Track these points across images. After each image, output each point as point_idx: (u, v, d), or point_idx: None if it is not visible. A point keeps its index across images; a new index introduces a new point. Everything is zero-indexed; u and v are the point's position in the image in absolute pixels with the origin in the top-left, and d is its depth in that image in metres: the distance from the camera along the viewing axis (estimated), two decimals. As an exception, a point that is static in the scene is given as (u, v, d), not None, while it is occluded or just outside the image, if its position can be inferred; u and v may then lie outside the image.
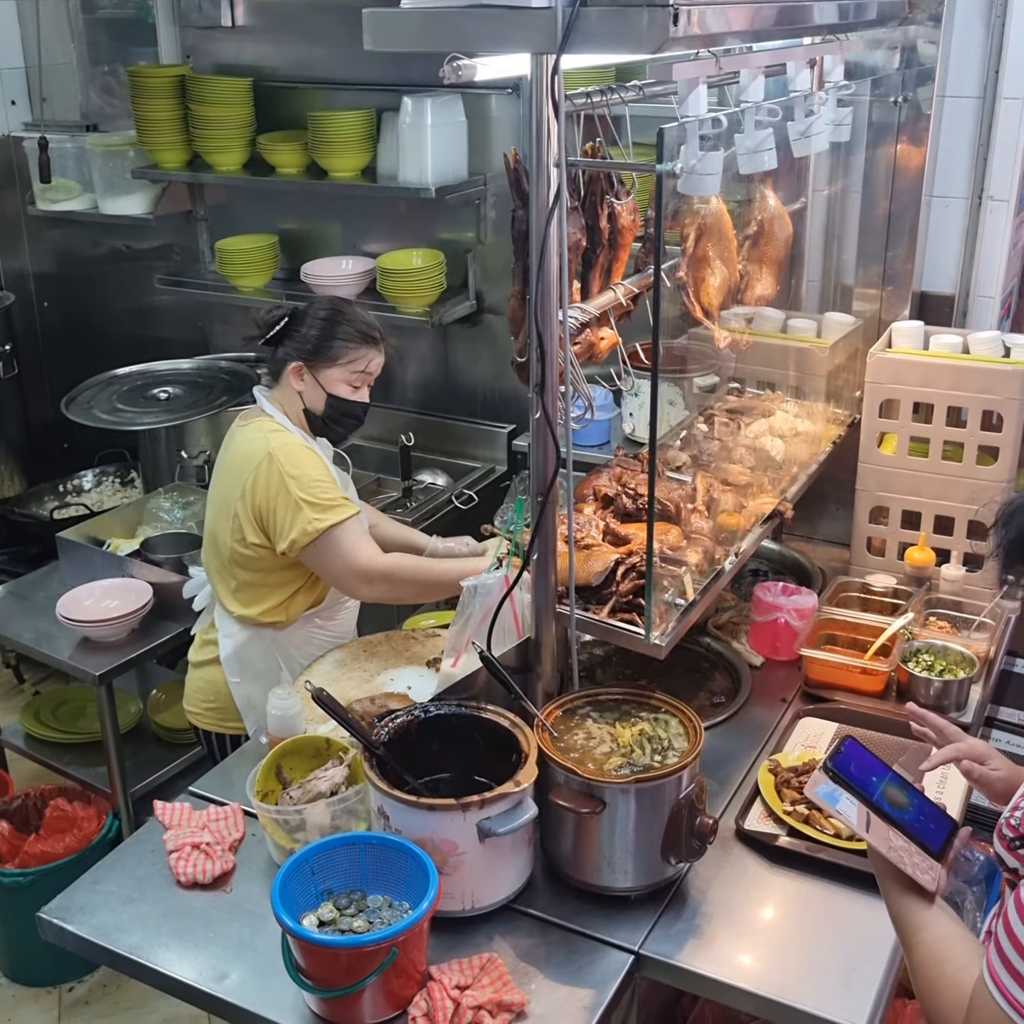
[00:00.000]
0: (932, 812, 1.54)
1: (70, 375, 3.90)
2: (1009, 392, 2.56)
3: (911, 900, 1.48)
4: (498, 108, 3.45)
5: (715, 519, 2.32)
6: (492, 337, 3.63)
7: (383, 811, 1.79)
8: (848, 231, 2.94)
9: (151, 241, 4.16)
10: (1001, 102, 2.73)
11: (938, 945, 1.43)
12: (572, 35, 1.50)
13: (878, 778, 1.53)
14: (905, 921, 1.48)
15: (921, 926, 1.46)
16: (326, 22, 3.53)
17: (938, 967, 1.42)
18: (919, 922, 1.46)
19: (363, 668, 2.41)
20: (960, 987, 1.37)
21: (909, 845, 1.49)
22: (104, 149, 3.93)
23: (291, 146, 3.61)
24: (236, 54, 3.80)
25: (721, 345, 2.30)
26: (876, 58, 2.75)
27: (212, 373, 3.88)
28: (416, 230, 3.67)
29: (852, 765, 1.53)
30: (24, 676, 4.07)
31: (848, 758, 1.54)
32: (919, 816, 1.52)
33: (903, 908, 1.48)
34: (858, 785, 1.50)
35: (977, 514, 2.56)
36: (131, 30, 4.03)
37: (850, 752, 1.55)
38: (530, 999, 1.69)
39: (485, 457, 3.67)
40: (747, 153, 2.12)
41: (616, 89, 1.91)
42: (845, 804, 1.49)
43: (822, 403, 2.83)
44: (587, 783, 1.80)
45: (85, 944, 1.83)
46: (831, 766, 1.52)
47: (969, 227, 2.85)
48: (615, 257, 2.05)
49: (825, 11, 2.06)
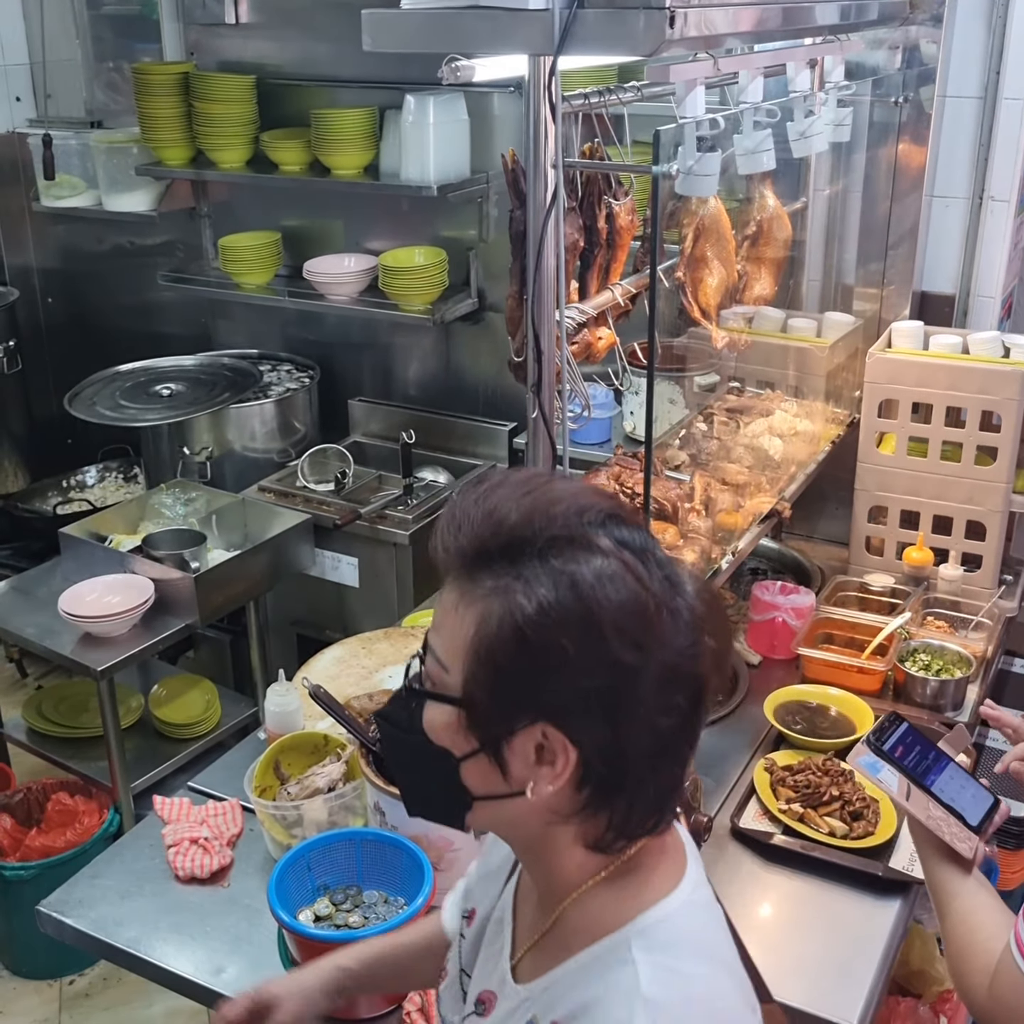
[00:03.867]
0: (973, 788, 1.56)
1: (74, 371, 3.91)
2: (1008, 392, 2.56)
3: (947, 868, 1.49)
4: (500, 106, 3.45)
5: (713, 518, 2.33)
6: (494, 335, 3.64)
7: (379, 807, 1.80)
8: (849, 231, 2.94)
9: (155, 238, 4.17)
10: (1002, 102, 2.73)
11: (971, 913, 1.45)
12: (569, 37, 1.51)
13: (920, 753, 1.56)
14: (941, 888, 1.50)
15: (955, 894, 1.47)
16: (329, 20, 3.54)
17: (968, 935, 1.44)
18: (953, 890, 1.48)
19: (361, 665, 2.42)
20: (989, 955, 1.39)
21: (948, 816, 1.50)
22: (108, 146, 3.94)
23: (294, 143, 3.62)
24: (239, 51, 3.80)
25: (719, 345, 2.31)
26: (877, 58, 2.75)
27: (215, 370, 3.89)
28: (418, 228, 3.68)
29: (895, 740, 1.56)
30: (27, 671, 4.09)
31: (892, 733, 1.56)
32: (959, 790, 1.54)
33: (939, 875, 1.50)
34: (900, 759, 1.53)
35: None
36: (135, 26, 4.03)
37: (894, 727, 1.57)
38: (524, 995, 1.70)
39: (486, 455, 3.68)
40: (746, 154, 2.13)
41: (614, 90, 1.91)
42: (886, 775, 1.52)
43: (821, 403, 2.83)
44: (582, 781, 1.80)
45: (84, 937, 1.85)
46: (874, 740, 1.54)
47: (970, 227, 2.85)
48: (613, 257, 2.06)
49: (825, 12, 2.07)
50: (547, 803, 1.02)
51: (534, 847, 1.08)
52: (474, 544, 0.99)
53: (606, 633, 0.95)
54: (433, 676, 1.03)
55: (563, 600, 0.95)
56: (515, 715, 0.99)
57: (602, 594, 0.96)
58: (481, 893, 1.25)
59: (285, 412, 3.75)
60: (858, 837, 1.96)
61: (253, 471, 3.65)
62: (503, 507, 0.99)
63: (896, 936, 1.84)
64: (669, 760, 1.03)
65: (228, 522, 3.41)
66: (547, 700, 0.97)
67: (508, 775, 1.01)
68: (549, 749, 0.99)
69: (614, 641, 0.96)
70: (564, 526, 0.98)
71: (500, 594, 0.97)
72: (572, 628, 0.95)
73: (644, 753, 1.00)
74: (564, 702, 0.97)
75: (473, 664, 0.98)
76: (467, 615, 0.99)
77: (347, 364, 3.97)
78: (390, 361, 3.91)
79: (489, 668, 0.98)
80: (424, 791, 1.10)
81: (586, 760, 0.99)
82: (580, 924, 1.05)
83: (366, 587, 3.41)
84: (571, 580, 0.96)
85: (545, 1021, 1.05)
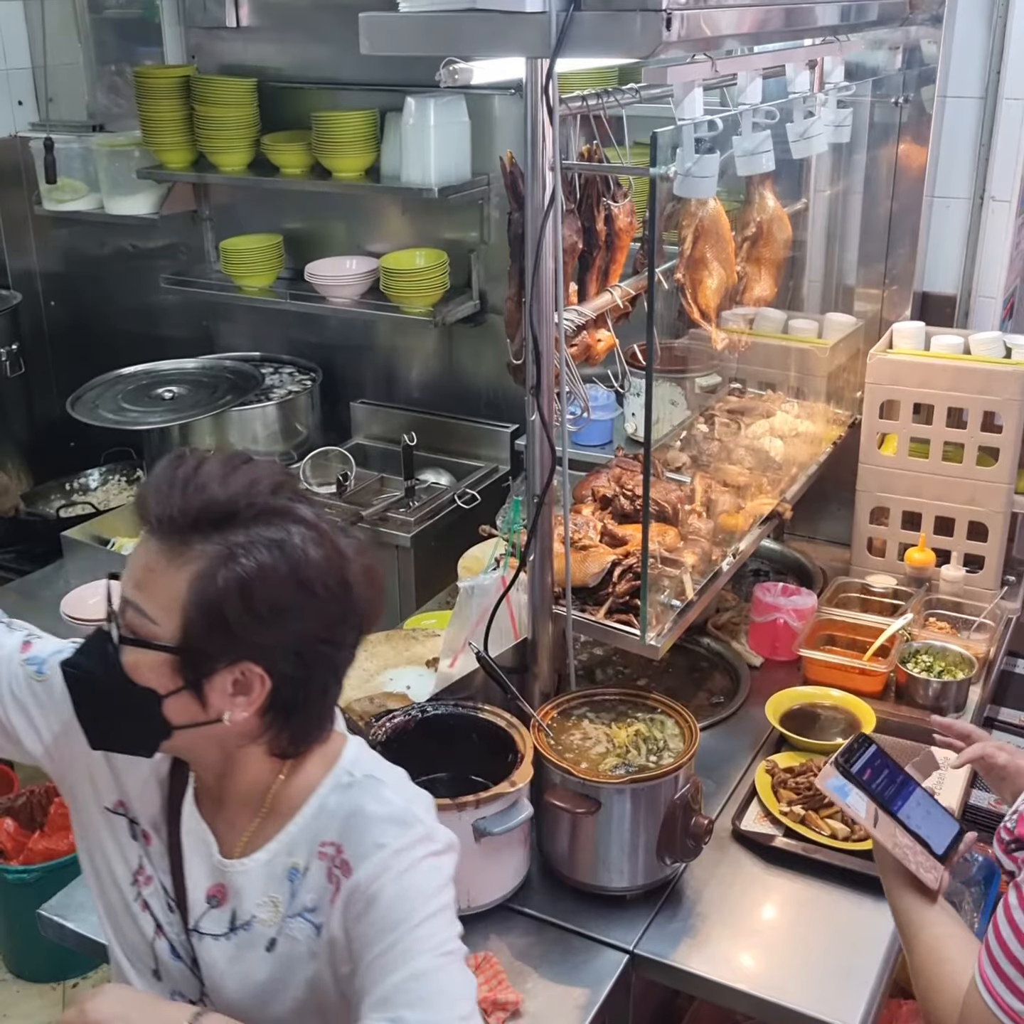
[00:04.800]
0: (939, 815, 1.55)
1: (76, 374, 3.91)
2: (1009, 393, 2.56)
3: (913, 898, 1.49)
4: (501, 108, 3.45)
5: (714, 520, 2.33)
6: (495, 337, 3.64)
7: (379, 810, 1.80)
8: (849, 231, 2.94)
9: (156, 241, 4.17)
10: (1003, 103, 2.73)
11: (938, 944, 1.44)
12: (566, 39, 1.51)
13: (888, 778, 1.55)
14: (907, 918, 1.49)
15: (922, 925, 1.47)
16: (330, 23, 3.54)
17: (937, 966, 1.42)
18: (920, 921, 1.47)
19: (362, 668, 2.41)
20: (957, 988, 1.38)
21: (914, 844, 1.50)
22: (110, 149, 3.94)
23: (295, 146, 3.62)
24: (240, 54, 3.80)
25: (718, 347, 2.31)
26: (877, 59, 2.75)
27: (217, 372, 3.89)
28: (419, 230, 3.68)
29: (863, 763, 1.55)
30: (30, 674, 4.08)
31: (860, 755, 1.55)
32: (926, 817, 1.53)
33: (905, 905, 1.49)
34: (867, 783, 1.52)
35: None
36: (137, 30, 4.03)
37: (863, 750, 1.56)
38: (525, 998, 1.70)
39: (488, 456, 3.68)
40: (745, 155, 2.12)
41: (613, 92, 1.91)
42: (854, 798, 1.51)
43: (823, 403, 2.83)
44: (583, 783, 1.80)
45: (85, 941, 1.85)
46: (842, 762, 1.53)
47: (971, 227, 2.84)
48: (612, 259, 2.06)
49: (825, 13, 2.07)
50: (240, 727, 1.25)
51: (229, 762, 1.30)
52: (186, 516, 1.18)
53: (314, 586, 1.21)
54: (136, 627, 1.21)
55: (278, 560, 1.18)
56: (224, 657, 1.20)
57: (307, 554, 1.20)
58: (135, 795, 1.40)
59: (287, 414, 3.75)
60: (860, 840, 1.95)
61: (255, 474, 3.64)
62: (211, 484, 1.20)
63: (898, 939, 1.83)
64: (336, 683, 1.31)
65: (230, 524, 3.41)
66: (258, 643, 1.20)
67: (208, 706, 1.23)
68: (246, 682, 1.22)
69: (319, 593, 1.21)
70: (264, 501, 1.21)
71: (220, 558, 1.17)
72: (288, 583, 1.19)
73: (321, 680, 1.27)
74: (272, 644, 1.21)
75: (194, 616, 1.18)
76: (179, 575, 1.18)
77: (349, 366, 3.97)
78: (392, 363, 3.90)
79: (211, 619, 1.18)
80: (117, 726, 1.27)
81: (275, 689, 1.23)
82: (293, 797, 1.32)
83: (368, 589, 3.41)
84: (281, 544, 1.19)
85: (305, 855, 1.29)
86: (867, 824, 1.51)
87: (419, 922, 1.22)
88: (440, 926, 1.24)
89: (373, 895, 1.25)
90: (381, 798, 1.30)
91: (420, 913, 1.23)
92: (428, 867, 1.26)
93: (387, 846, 1.26)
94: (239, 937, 1.34)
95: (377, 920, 1.24)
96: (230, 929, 1.34)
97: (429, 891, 1.25)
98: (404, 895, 1.24)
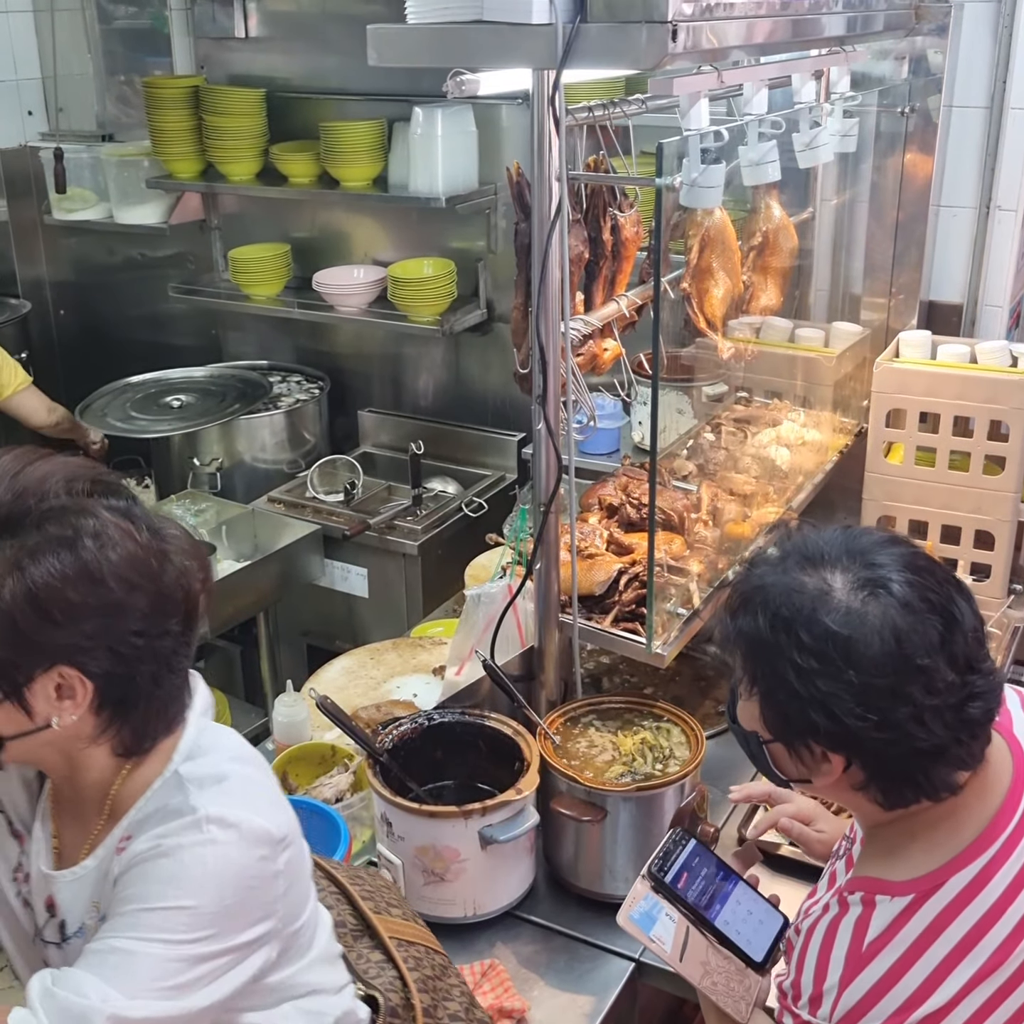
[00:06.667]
0: (761, 912, 1.50)
1: (85, 382, 3.93)
2: (1016, 402, 2.56)
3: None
4: (508, 118, 3.47)
5: (720, 528, 2.33)
6: (502, 346, 3.64)
7: (386, 817, 1.81)
8: (856, 240, 2.95)
9: (165, 250, 4.19)
10: (1008, 112, 2.73)
11: None
12: (572, 51, 1.52)
13: (706, 879, 1.47)
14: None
15: None
16: (338, 33, 3.56)
17: None
18: None
19: (370, 676, 2.42)
20: None
21: (728, 964, 1.43)
22: (119, 159, 3.97)
23: (303, 156, 3.64)
24: (249, 65, 3.83)
25: (724, 356, 2.31)
26: (883, 68, 2.76)
27: (225, 381, 3.91)
28: (427, 239, 3.69)
29: (680, 865, 1.46)
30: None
31: (677, 858, 1.47)
32: (746, 919, 1.47)
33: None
34: (683, 892, 1.43)
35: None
36: (146, 40, 4.06)
37: (680, 849, 1.48)
38: (531, 1005, 1.70)
39: (495, 465, 3.69)
40: (751, 165, 2.13)
41: (619, 102, 1.92)
42: (661, 927, 1.42)
43: (829, 412, 2.83)
44: (588, 791, 1.81)
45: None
46: (655, 871, 1.44)
47: (977, 236, 2.85)
48: (618, 269, 2.07)
49: (831, 23, 2.08)
50: (74, 730, 1.21)
51: (72, 766, 1.26)
52: None
53: (108, 583, 1.15)
54: None
55: (66, 561, 1.13)
56: (34, 664, 1.16)
57: (100, 551, 1.15)
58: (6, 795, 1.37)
59: (295, 423, 3.77)
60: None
61: (263, 482, 3.66)
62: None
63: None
64: (170, 673, 1.24)
65: (238, 533, 3.43)
66: (62, 646, 1.16)
67: (33, 714, 1.19)
68: (67, 686, 1.18)
69: (115, 588, 1.15)
70: (56, 498, 1.16)
71: (6, 567, 1.12)
72: (79, 583, 1.14)
73: (148, 672, 1.22)
74: (77, 645, 1.16)
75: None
76: None
77: (356, 375, 3.98)
78: (399, 372, 3.92)
79: (7, 630, 1.13)
80: None
81: (101, 688, 1.19)
82: (127, 798, 1.26)
83: (375, 597, 3.42)
84: (71, 543, 1.14)
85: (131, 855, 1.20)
86: (673, 962, 1.42)
87: (155, 908, 1.17)
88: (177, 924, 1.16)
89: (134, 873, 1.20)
90: (184, 791, 1.23)
91: (162, 901, 1.17)
92: (193, 856, 1.18)
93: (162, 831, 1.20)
94: (71, 946, 1.31)
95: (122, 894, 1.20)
96: (62, 940, 1.32)
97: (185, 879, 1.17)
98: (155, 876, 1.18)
